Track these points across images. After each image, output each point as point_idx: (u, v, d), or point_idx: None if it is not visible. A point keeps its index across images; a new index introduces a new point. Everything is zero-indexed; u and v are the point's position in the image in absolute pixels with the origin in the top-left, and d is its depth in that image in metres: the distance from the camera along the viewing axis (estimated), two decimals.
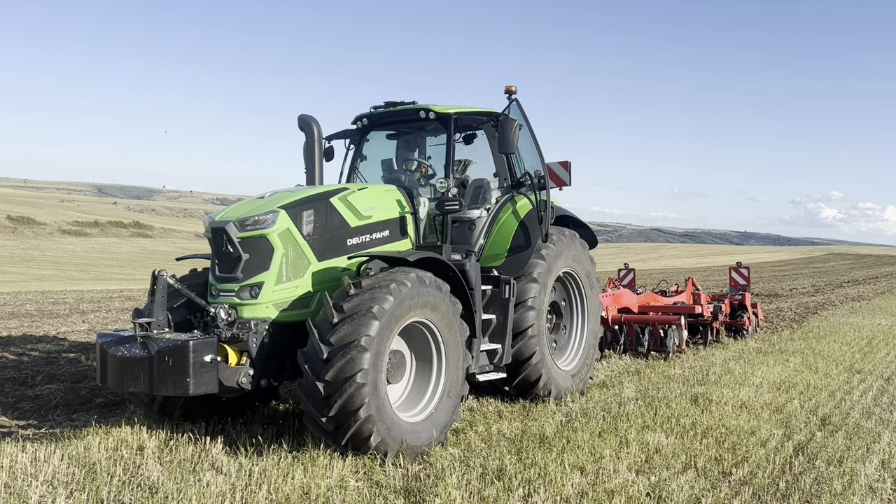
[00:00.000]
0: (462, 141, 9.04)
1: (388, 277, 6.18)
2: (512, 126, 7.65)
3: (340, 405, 5.75)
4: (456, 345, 6.73)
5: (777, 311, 20.89)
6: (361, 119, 8.64)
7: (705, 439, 6.85)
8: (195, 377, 5.58)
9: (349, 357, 5.75)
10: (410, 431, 6.20)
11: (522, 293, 8.08)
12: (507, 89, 8.40)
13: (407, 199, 7.85)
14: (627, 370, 10.87)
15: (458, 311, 6.77)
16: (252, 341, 6.26)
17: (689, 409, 7.95)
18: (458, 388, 6.78)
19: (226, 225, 6.39)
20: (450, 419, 6.64)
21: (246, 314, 6.35)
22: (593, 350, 9.32)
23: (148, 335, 5.77)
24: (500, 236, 8.33)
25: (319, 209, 6.84)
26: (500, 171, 8.93)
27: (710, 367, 10.98)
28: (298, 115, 8.32)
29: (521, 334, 8.04)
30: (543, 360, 8.25)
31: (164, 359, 5.56)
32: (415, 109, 8.19)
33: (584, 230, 9.45)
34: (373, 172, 8.80)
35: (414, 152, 9.00)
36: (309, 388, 5.87)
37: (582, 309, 9.25)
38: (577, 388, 8.88)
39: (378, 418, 5.86)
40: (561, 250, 8.64)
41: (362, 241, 7.21)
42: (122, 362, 5.75)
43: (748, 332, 14.86)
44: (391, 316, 6.00)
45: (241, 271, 6.38)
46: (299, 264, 6.63)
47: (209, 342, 5.74)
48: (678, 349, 12.26)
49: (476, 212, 8.42)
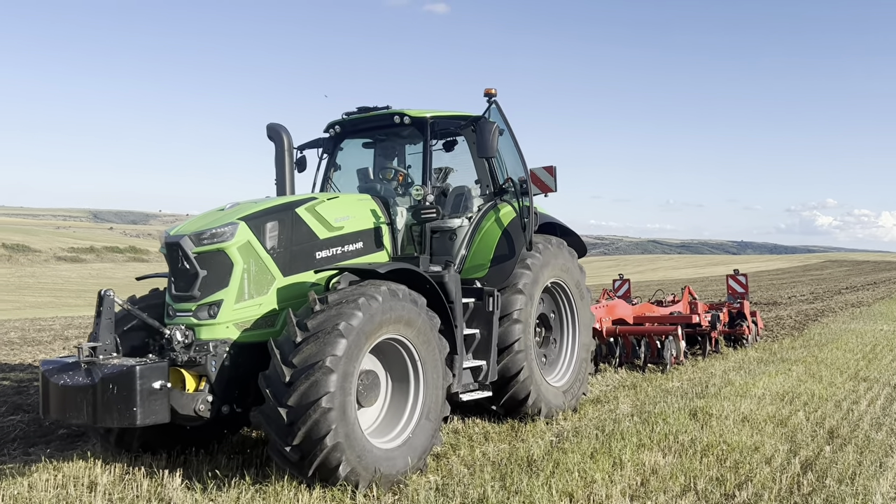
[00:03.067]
0: (442, 148, 8.61)
1: (356, 291, 5.71)
2: (491, 129, 7.21)
3: (305, 432, 5.25)
4: (434, 363, 6.24)
5: (777, 319, 20.42)
6: (333, 126, 8.20)
7: (705, 458, 6.35)
8: (143, 406, 5.08)
9: (313, 379, 5.26)
10: (385, 459, 5.70)
11: (507, 305, 7.60)
12: (487, 92, 7.98)
13: (383, 209, 7.38)
14: (623, 384, 10.37)
15: (435, 325, 6.29)
16: (210, 365, 5.77)
17: (687, 425, 7.46)
18: (438, 409, 6.28)
19: (180, 239, 5.92)
20: (429, 444, 6.14)
21: (204, 335, 5.87)
22: (586, 364, 8.83)
23: (92, 361, 5.27)
24: (482, 246, 7.87)
25: (284, 220, 6.38)
26: (482, 178, 8.49)
27: (710, 379, 10.49)
28: (267, 124, 7.88)
29: (506, 349, 7.55)
30: (532, 377, 7.75)
31: (109, 386, 5.06)
32: (389, 114, 7.75)
33: (572, 238, 8.99)
34: (348, 183, 8.35)
35: (392, 161, 8.55)
36: (271, 414, 5.38)
37: (572, 321, 8.76)
38: (570, 405, 8.38)
39: (347, 446, 5.36)
40: (548, 259, 8.17)
41: (332, 253, 6.74)
42: (63, 391, 5.25)
43: (748, 340, 14.39)
44: (360, 333, 5.52)
45: (199, 289, 5.90)
46: (262, 280, 6.15)
47: (158, 367, 5.24)
48: (676, 361, 11.77)
49: (457, 221, 7.97)
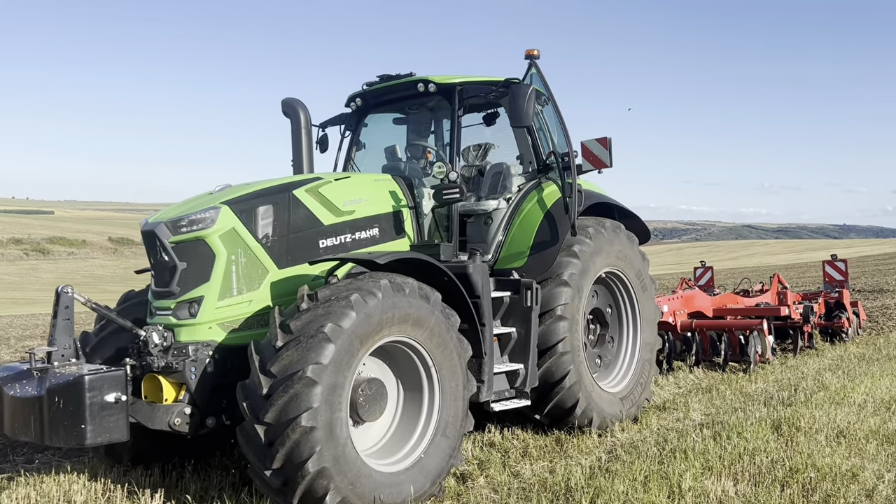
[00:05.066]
0: (482, 121, 7.61)
1: (350, 286, 4.80)
2: (526, 93, 6.16)
3: (285, 455, 4.40)
4: (453, 368, 5.28)
5: (882, 310, 18.33)
6: (354, 99, 7.32)
7: (787, 487, 5.15)
8: (93, 423, 4.32)
9: (292, 392, 4.39)
10: (387, 485, 4.79)
11: (550, 300, 6.55)
12: (528, 53, 6.94)
13: (405, 191, 6.45)
14: (698, 386, 9.11)
15: (454, 325, 5.33)
16: (189, 371, 5.00)
17: (768, 442, 6.23)
18: (459, 423, 5.32)
19: (156, 227, 5.16)
20: (445, 465, 5.19)
21: (183, 337, 5.10)
22: (649, 366, 7.67)
23: (45, 368, 4.57)
24: (521, 231, 6.84)
25: (280, 204, 5.53)
26: (524, 153, 7.44)
27: (800, 381, 9.11)
28: (282, 99, 7.08)
29: (549, 351, 6.51)
30: (581, 382, 6.68)
31: (55, 400, 4.34)
32: (412, 82, 6.80)
33: (631, 221, 7.83)
34: (373, 163, 7.45)
35: (425, 137, 7.62)
36: (249, 432, 4.55)
37: (633, 316, 7.61)
38: (629, 413, 7.25)
39: (336, 471, 4.47)
40: (600, 245, 7.06)
41: (341, 242, 5.85)
42: (14, 403, 4.57)
43: (847, 335, 12.73)
44: (353, 336, 4.62)
45: (178, 284, 5.13)
46: (253, 273, 5.33)
47: (113, 376, 4.47)
48: (761, 359, 10.37)
49: (493, 202, 6.96)
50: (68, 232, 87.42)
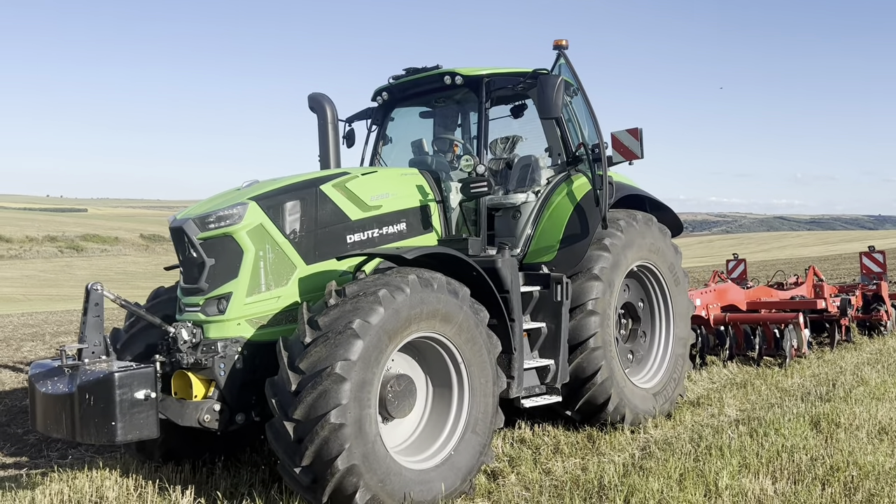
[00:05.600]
0: (510, 114, 7.52)
1: (378, 282, 4.75)
2: (555, 84, 6.05)
3: (314, 452, 4.36)
4: (482, 364, 5.21)
5: None
6: (381, 93, 7.26)
7: (828, 486, 5.01)
8: (123, 420, 4.32)
9: (321, 389, 4.35)
10: (417, 482, 4.74)
11: (580, 294, 6.44)
12: (556, 43, 6.81)
13: (432, 185, 6.38)
14: (732, 382, 8.93)
15: (483, 320, 5.25)
16: (219, 367, 4.99)
17: (807, 438, 6.07)
18: (489, 420, 5.25)
19: (184, 224, 5.15)
20: (475, 462, 5.13)
21: (212, 333, 5.09)
22: (682, 361, 7.52)
23: (76, 365, 4.58)
24: (550, 224, 6.73)
25: (307, 199, 5.49)
26: (553, 145, 7.33)
27: (839, 376, 8.89)
28: (308, 94, 7.05)
29: (580, 346, 6.41)
30: (612, 377, 6.57)
31: (86, 397, 4.34)
32: (438, 75, 6.72)
33: (664, 213, 7.68)
34: (400, 157, 7.40)
35: (453, 131, 7.55)
36: (279, 429, 4.52)
37: (665, 310, 7.47)
38: (662, 409, 7.12)
39: (365, 468, 4.43)
40: (632, 238, 6.93)
41: (368, 237, 5.81)
42: (46, 400, 4.59)
43: (886, 328, 12.42)
44: (381, 332, 4.56)
45: (206, 280, 5.12)
46: (281, 269, 5.30)
47: (143, 373, 4.47)
48: (797, 353, 10.15)
49: (521, 196, 6.86)
50: (101, 229, 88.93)
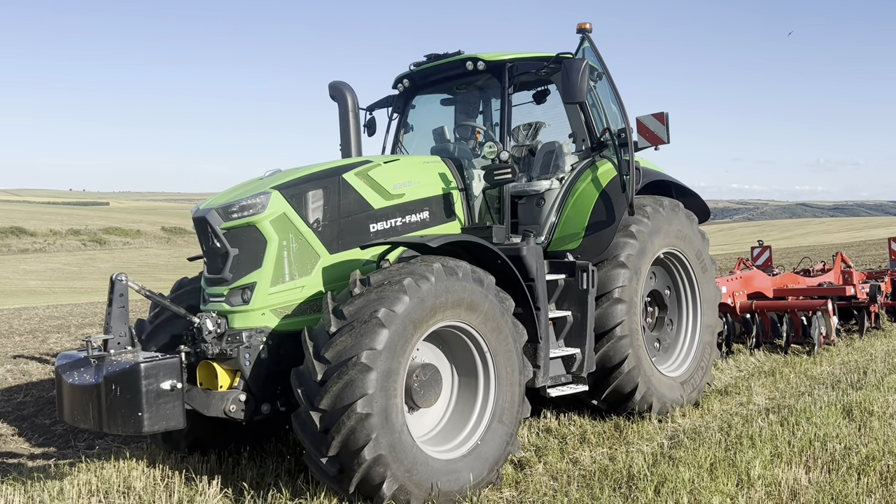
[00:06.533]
0: (533, 100, 7.43)
1: (403, 270, 4.70)
2: (579, 68, 5.94)
3: (341, 442, 4.33)
4: (508, 353, 5.15)
5: None
6: (402, 80, 7.19)
7: (864, 475, 4.90)
8: (150, 411, 4.31)
9: (347, 378, 4.32)
10: (444, 472, 4.69)
11: (606, 282, 6.35)
12: (580, 27, 6.70)
13: (455, 173, 6.31)
14: (760, 370, 8.80)
15: (508, 309, 5.19)
16: (244, 358, 4.97)
17: (840, 427, 5.96)
18: (515, 409, 5.19)
19: (207, 213, 5.13)
20: (502, 452, 5.07)
21: (237, 324, 5.06)
22: (710, 349, 7.41)
23: (102, 356, 4.57)
24: (575, 211, 6.64)
25: (330, 188, 5.45)
26: (577, 131, 7.23)
27: (869, 364, 8.73)
28: (329, 82, 7.00)
29: (606, 335, 6.32)
30: (639, 366, 6.48)
31: (112, 387, 4.33)
32: (460, 60, 6.64)
33: (690, 199, 7.56)
34: (422, 145, 7.32)
35: (475, 118, 7.46)
36: (305, 419, 4.49)
37: (693, 298, 7.36)
38: (689, 398, 7.03)
39: (392, 458, 4.39)
40: (658, 225, 6.82)
41: (391, 225, 5.75)
42: (72, 391, 4.59)
43: None
44: (406, 321, 4.51)
45: (230, 270, 5.10)
46: (304, 258, 5.27)
47: (168, 364, 4.45)
48: (826, 340, 9.99)
49: (545, 183, 6.78)
50: (123, 222, 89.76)
